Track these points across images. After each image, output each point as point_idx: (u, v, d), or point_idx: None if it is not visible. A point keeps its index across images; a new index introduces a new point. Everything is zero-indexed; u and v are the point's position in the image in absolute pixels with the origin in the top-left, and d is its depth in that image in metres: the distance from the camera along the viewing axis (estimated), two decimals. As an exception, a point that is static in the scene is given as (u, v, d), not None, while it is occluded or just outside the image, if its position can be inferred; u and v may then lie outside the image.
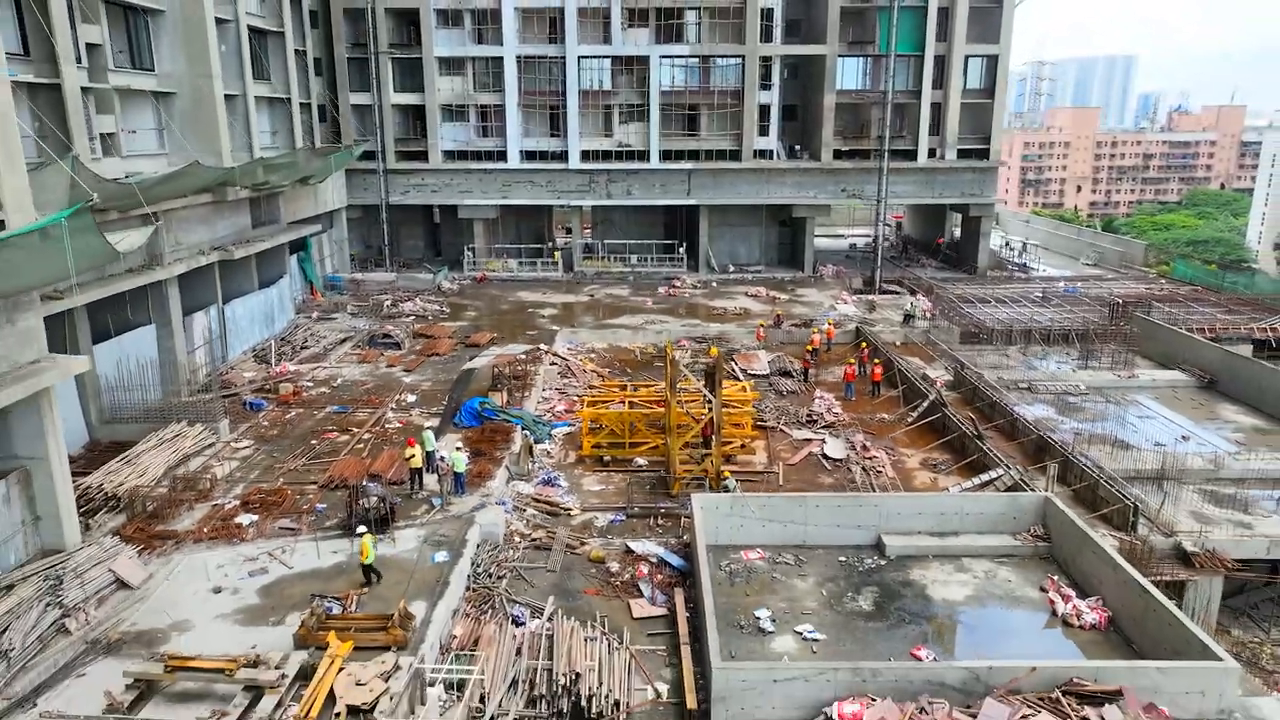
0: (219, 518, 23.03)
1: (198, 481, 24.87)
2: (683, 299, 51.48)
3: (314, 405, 32.37)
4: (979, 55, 55.80)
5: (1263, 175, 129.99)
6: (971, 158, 57.00)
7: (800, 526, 22.86)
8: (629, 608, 20.16)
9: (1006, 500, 23.45)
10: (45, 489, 19.15)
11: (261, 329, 38.97)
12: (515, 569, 21.59)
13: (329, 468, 26.16)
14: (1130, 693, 15.33)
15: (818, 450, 29.50)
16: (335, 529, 22.46)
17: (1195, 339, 38.01)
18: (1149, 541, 22.73)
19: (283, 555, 21.10)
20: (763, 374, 37.42)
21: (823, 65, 55.20)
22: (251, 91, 37.86)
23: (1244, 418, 32.82)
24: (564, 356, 38.79)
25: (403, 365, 37.48)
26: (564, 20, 54.18)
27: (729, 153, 56.59)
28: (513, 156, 56.60)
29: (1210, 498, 25.70)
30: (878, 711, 15.25)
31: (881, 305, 49.08)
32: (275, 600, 19.31)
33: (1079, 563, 21.15)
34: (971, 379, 34.95)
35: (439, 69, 55.29)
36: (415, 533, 22.35)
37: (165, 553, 21.16)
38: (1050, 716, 14.81)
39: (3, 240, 14.37)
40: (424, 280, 54.51)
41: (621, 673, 17.26)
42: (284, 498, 24.28)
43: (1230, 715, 15.79)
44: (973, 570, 21.78)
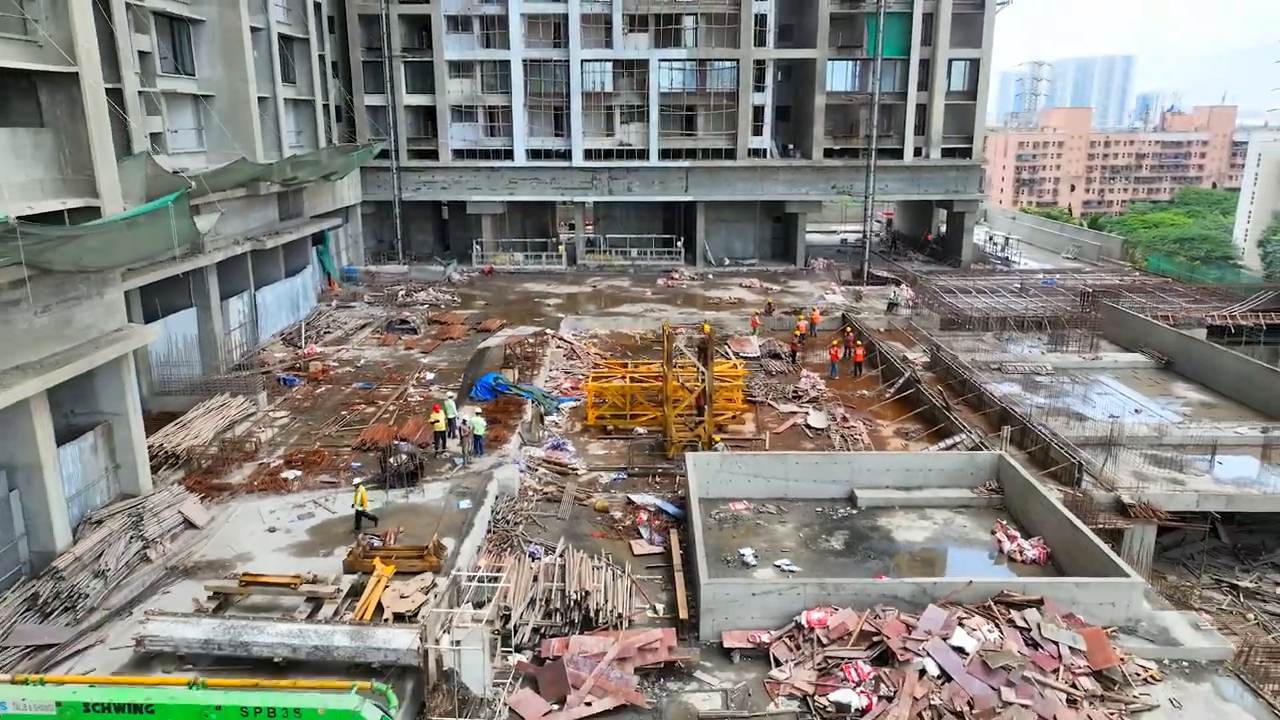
0: (266, 474, 25.98)
1: (244, 444, 27.81)
2: (680, 290, 54.39)
3: (340, 382, 35.32)
4: (962, 59, 58.73)
5: (1248, 174, 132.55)
6: (955, 156, 59.94)
7: (782, 481, 25.78)
8: (630, 547, 23.08)
9: (965, 458, 26.40)
10: (124, 441, 22.06)
11: (288, 314, 41.90)
12: (530, 517, 24.51)
13: (360, 433, 29.10)
14: (1051, 602, 18.25)
15: (801, 421, 32.43)
16: (370, 482, 25.38)
17: (1155, 324, 40.93)
18: (1091, 495, 25.64)
19: (326, 503, 24.04)
20: (754, 356, 40.35)
21: (813, 68, 58.15)
22: (281, 94, 40.85)
23: (1194, 394, 35.74)
24: (569, 340, 41.71)
25: (420, 348, 40.43)
26: (568, 26, 57.13)
27: (724, 151, 59.52)
28: (519, 155, 59.54)
29: (1151, 460, 28.59)
30: (839, 618, 18.17)
31: (868, 295, 52.00)
32: (322, 538, 22.22)
33: (1026, 511, 24.06)
34: (946, 360, 37.84)
35: (449, 72, 58.22)
36: (441, 485, 25.28)
37: (222, 501, 24.11)
38: (982, 619, 17.74)
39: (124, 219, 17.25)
40: (434, 272, 57.45)
41: (624, 594, 20.17)
42: (322, 458, 27.24)
43: (1137, 623, 18.72)
44: (933, 518, 24.71)
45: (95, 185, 19.53)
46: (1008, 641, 17.07)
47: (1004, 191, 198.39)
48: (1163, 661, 17.90)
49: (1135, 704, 16.57)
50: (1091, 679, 16.80)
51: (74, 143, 19.57)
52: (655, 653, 17.70)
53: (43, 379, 18.07)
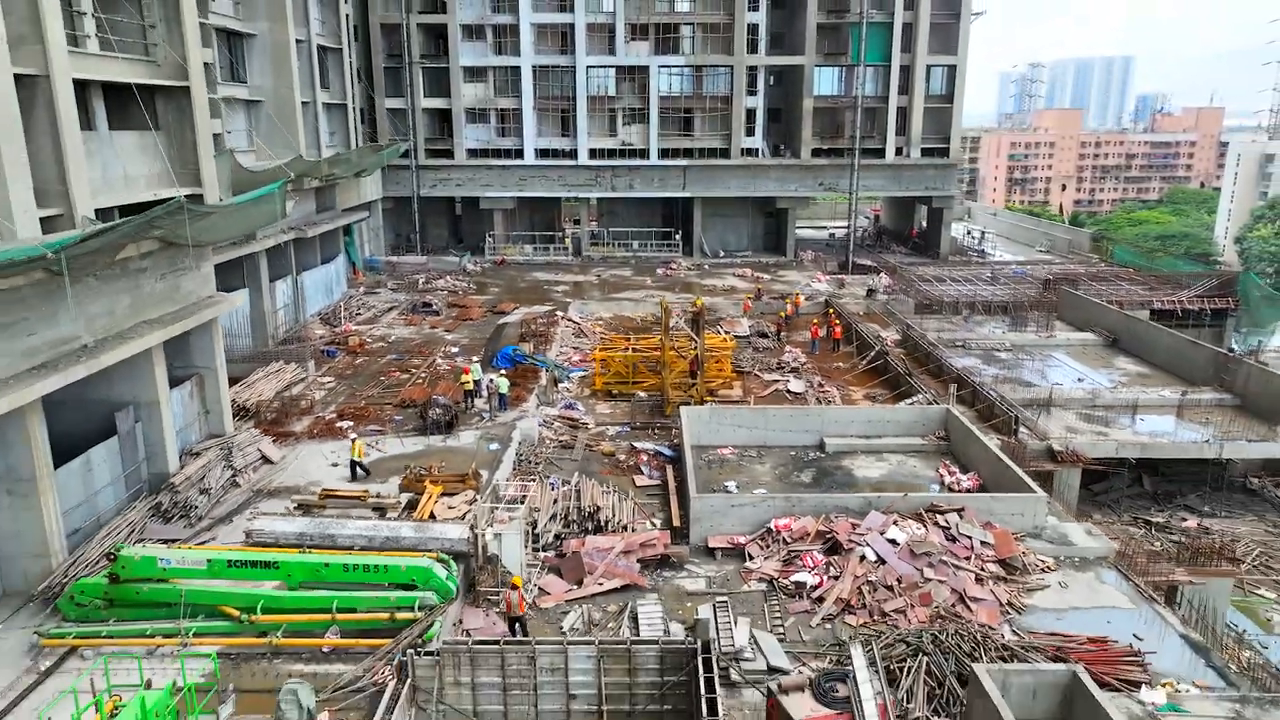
0: (323, 424, 30.52)
1: (299, 401, 32.35)
2: (678, 279, 58.87)
3: (375, 355, 39.86)
4: (940, 65, 63.21)
5: (1228, 174, 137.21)
6: (934, 155, 64.43)
7: (762, 431, 30.28)
8: (633, 480, 27.58)
9: (918, 411, 30.93)
10: (212, 389, 26.57)
11: (324, 297, 46.42)
12: (548, 459, 29.02)
13: (399, 393, 33.62)
14: (970, 510, 22.76)
15: (783, 387, 36.94)
16: (411, 430, 29.91)
17: (1104, 306, 45.42)
18: (1025, 443, 30.12)
19: (376, 445, 28.58)
20: (743, 335, 44.84)
21: (802, 73, 62.66)
22: (319, 98, 45.38)
23: (1133, 366, 40.24)
24: (577, 320, 46.23)
25: (443, 327, 44.95)
26: (574, 34, 61.64)
27: (719, 151, 64.02)
28: (528, 154, 64.06)
29: (1083, 418, 33.17)
30: (800, 523, 22.69)
31: (850, 283, 56.50)
32: (377, 470, 26.73)
33: (967, 454, 28.53)
34: (915, 337, 42.38)
35: (464, 77, 62.73)
36: (473, 433, 29.82)
37: (289, 444, 28.64)
38: (913, 522, 22.25)
39: (251, 199, 21.79)
40: (450, 263, 61.95)
41: (628, 511, 24.69)
42: (369, 412, 31.79)
43: (1041, 530, 23.23)
44: (889, 460, 29.20)
45: (199, 176, 24.08)
46: (931, 536, 21.59)
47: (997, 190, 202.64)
48: (1059, 557, 22.40)
49: (1030, 584, 21.08)
50: (997, 565, 21.29)
51: (180, 142, 24.11)
52: (654, 548, 22.22)
53: (165, 331, 22.59)
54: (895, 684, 16.59)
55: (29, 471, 18.56)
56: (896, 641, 17.56)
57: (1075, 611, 20.27)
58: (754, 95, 63.32)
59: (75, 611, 18.05)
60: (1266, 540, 29.66)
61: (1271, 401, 32.70)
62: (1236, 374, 34.73)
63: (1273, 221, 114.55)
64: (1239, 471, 34.47)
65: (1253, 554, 28.50)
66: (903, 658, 17.11)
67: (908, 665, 16.94)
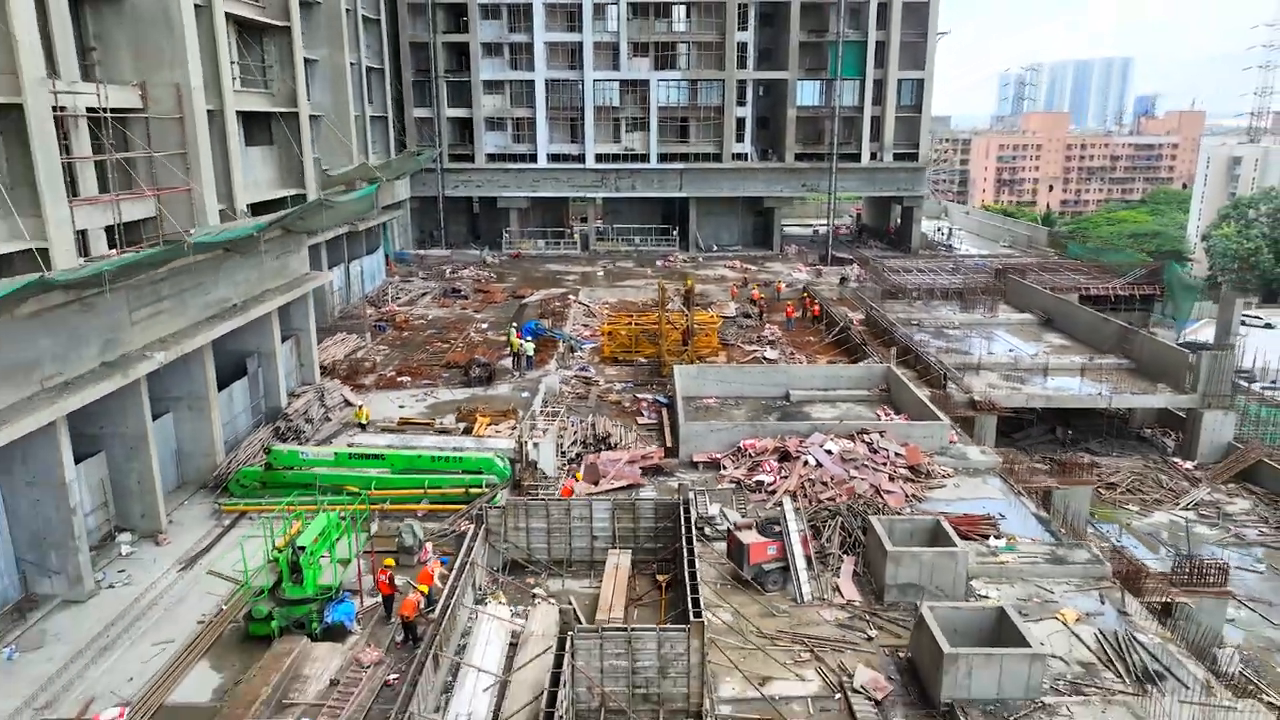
0: (385, 380, 37.88)
1: (364, 363, 39.71)
2: (675, 270, 66.14)
3: (417, 330, 47.21)
4: (909, 79, 70.52)
5: (1199, 176, 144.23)
6: (905, 160, 71.76)
7: (739, 385, 37.56)
8: (635, 420, 34.90)
9: (864, 369, 38.28)
10: (305, 348, 33.93)
11: (369, 283, 53.80)
12: (567, 405, 36.36)
13: (443, 357, 40.99)
14: (890, 433, 30.08)
15: (760, 355, 44.26)
16: (458, 384, 37.27)
17: (1041, 291, 52.68)
18: (951, 395, 37.40)
19: (431, 394, 35.96)
20: (730, 316, 52.16)
21: (786, 86, 69.99)
22: (366, 112, 52.72)
23: (1058, 340, 47.48)
24: (586, 303, 53.58)
25: (471, 308, 52.31)
26: (582, 51, 69.02)
27: (712, 155, 71.36)
28: (541, 158, 71.43)
29: (1004, 377, 40.45)
30: (763, 442, 30.00)
31: (827, 273, 63.87)
32: (434, 410, 34.09)
33: (902, 401, 35.75)
34: (876, 317, 49.70)
35: (483, 89, 70.08)
36: (506, 386, 37.21)
37: (362, 393, 36.00)
38: (846, 440, 29.56)
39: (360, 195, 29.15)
40: (471, 256, 69.33)
41: (631, 438, 32.03)
42: (421, 371, 39.16)
43: (946, 449, 30.53)
44: (840, 406, 36.45)
45: (303, 180, 31.47)
46: (857, 448, 28.93)
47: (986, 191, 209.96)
48: (957, 468, 29.70)
49: (931, 484, 28.39)
50: (907, 470, 28.60)
51: (288, 154, 31.49)
52: (651, 460, 29.56)
53: (282, 297, 29.97)
54: (819, 535, 23.96)
55: (203, 392, 25.92)
56: (821, 509, 24.93)
57: (962, 501, 27.54)
58: (743, 106, 70.64)
59: (239, 491, 25.40)
60: (1143, 473, 36.95)
61: (1157, 364, 39.98)
62: (1133, 343, 42.05)
63: (1235, 221, 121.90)
64: (1138, 423, 41.91)
65: (1128, 480, 35.82)
66: (825, 519, 24.48)
67: (828, 523, 24.31)
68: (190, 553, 22.86)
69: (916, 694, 18.16)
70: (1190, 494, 34.87)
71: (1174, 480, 36.36)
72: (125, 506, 23.21)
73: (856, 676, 18.51)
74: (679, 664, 17.21)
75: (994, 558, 23.40)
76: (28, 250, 18.11)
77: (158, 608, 20.27)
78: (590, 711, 17.27)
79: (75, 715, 16.52)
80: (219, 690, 17.36)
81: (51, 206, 18.32)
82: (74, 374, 19.67)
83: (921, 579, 21.31)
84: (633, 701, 17.33)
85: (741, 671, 18.88)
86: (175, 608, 20.30)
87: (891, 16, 68.10)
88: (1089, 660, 19.26)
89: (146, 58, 22.89)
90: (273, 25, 30.31)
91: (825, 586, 22.20)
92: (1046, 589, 22.24)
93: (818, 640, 20.05)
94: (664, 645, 17.18)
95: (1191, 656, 19.43)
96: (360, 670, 17.37)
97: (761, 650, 19.62)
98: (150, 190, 22.54)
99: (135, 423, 22.53)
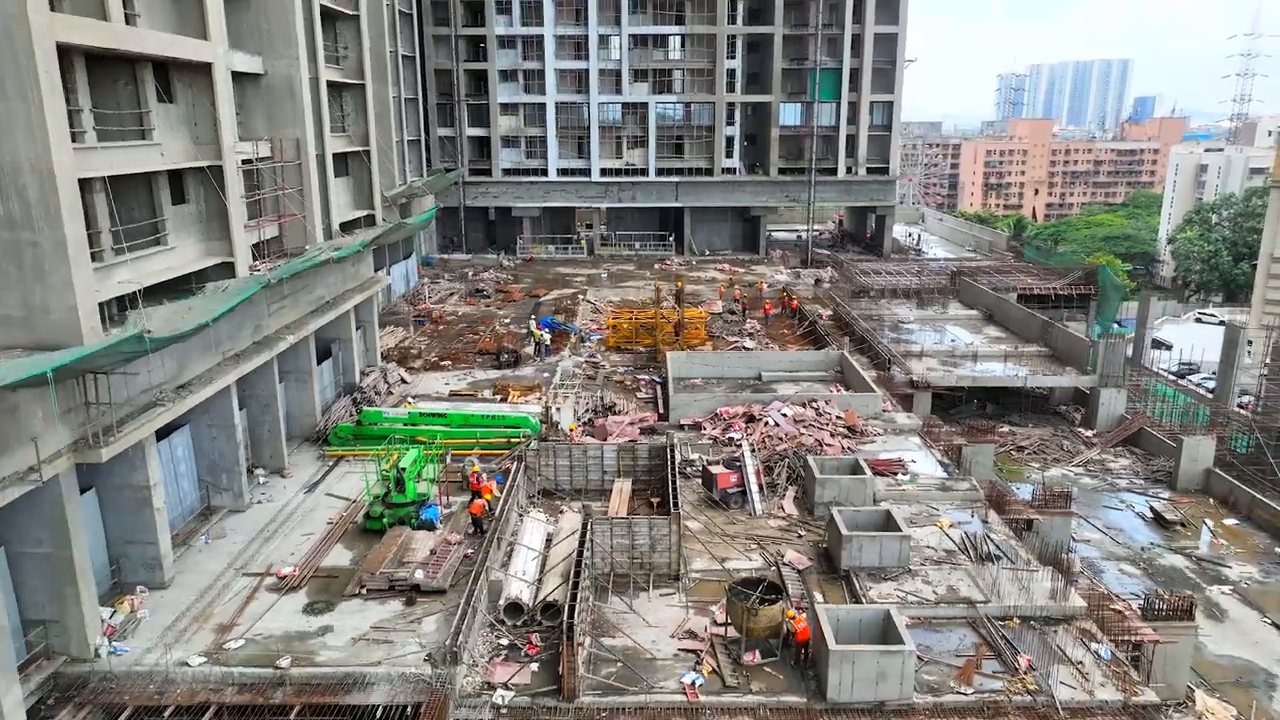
0: (430, 364, 46.23)
1: (410, 350, 48.06)
2: (671, 272, 74.38)
3: (450, 324, 55.56)
4: (880, 102, 78.85)
5: (1169, 181, 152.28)
6: (877, 173, 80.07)
7: (719, 368, 45.82)
8: (634, 394, 43.22)
9: (823, 354, 46.59)
10: (371, 336, 42.22)
11: (404, 284, 62.15)
12: (580, 384, 44.68)
13: (475, 345, 49.33)
14: (835, 401, 38.40)
15: (741, 345, 52.56)
16: (490, 366, 45.62)
17: (985, 291, 60.96)
18: (894, 376, 45.68)
19: (470, 374, 44.29)
20: (717, 312, 60.45)
21: (770, 108, 78.31)
22: (405, 137, 61.08)
23: (996, 332, 55.77)
24: (593, 302, 61.94)
25: (494, 306, 60.66)
26: (589, 77, 77.37)
27: (705, 170, 79.68)
28: (551, 172, 79.78)
29: (941, 362, 48.74)
30: (735, 409, 38.33)
31: (806, 275, 72.18)
32: (474, 386, 42.43)
33: (851, 380, 44.07)
34: (843, 314, 58.00)
35: (500, 111, 78.44)
36: (530, 369, 45.55)
37: (413, 373, 44.33)
38: (799, 407, 37.87)
39: (423, 219, 37.34)
40: (489, 259, 77.68)
41: (632, 406, 40.35)
42: (459, 357, 47.52)
43: (880, 414, 38.84)
44: (801, 384, 44.74)
45: (372, 203, 39.83)
46: (807, 412, 37.25)
47: (974, 195, 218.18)
48: (886, 429, 37.97)
49: (864, 441, 36.67)
50: (845, 430, 36.89)
51: (360, 182, 39.82)
52: (647, 422, 37.88)
53: (359, 296, 38.31)
54: (771, 472, 32.28)
55: (307, 368, 34.22)
56: (774, 455, 33.26)
57: (886, 452, 35.82)
58: (732, 125, 78.99)
59: (336, 441, 33.71)
60: (1050, 439, 45.20)
61: (1068, 351, 48.27)
62: (1051, 334, 50.35)
63: (1198, 225, 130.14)
64: (1056, 400, 50.18)
65: (1035, 444, 44.13)
66: (777, 460, 32.82)
67: (779, 464, 32.64)
68: (308, 482, 31.20)
69: (826, 566, 26.48)
70: (1083, 454, 43.21)
71: (1074, 445, 44.70)
72: (258, 450, 31.48)
73: (786, 555, 26.86)
74: (664, 542, 25.51)
75: (899, 486, 31.70)
76: (221, 263, 26.41)
77: (296, 515, 28.59)
78: (603, 575, 25.53)
79: (263, 571, 24.85)
80: (354, 559, 25.68)
81: (237, 232, 26.58)
82: (239, 349, 27.95)
83: (840, 498, 29.59)
84: (632, 568, 25.62)
85: (710, 554, 27.20)
86: (309, 514, 28.62)
87: (864, 47, 76.43)
88: (951, 549, 27.56)
89: (275, 119, 31.12)
90: (351, 83, 38.66)
91: (773, 506, 30.53)
92: (934, 507, 30.53)
93: (763, 537, 28.38)
94: (653, 529, 25.48)
95: (1024, 545, 27.74)
96: (448, 546, 25.65)
97: (724, 543, 27.94)
98: (277, 218, 30.83)
99: (267, 387, 30.81)
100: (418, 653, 21.09)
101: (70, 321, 19.11)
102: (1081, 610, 23.83)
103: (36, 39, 17.59)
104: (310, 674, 20.51)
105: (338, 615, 22.87)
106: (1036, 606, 23.79)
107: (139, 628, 22.06)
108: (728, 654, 21.91)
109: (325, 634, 22.04)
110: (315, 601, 23.46)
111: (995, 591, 24.38)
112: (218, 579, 24.61)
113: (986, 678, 21.34)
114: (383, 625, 22.37)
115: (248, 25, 30.19)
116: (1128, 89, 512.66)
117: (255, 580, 24.56)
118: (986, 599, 24.16)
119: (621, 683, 20.90)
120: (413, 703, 19.77)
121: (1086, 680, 21.07)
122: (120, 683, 20.24)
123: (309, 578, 24.57)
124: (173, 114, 24.93)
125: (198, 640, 21.74)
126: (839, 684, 20.19)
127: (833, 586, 25.48)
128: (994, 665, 21.83)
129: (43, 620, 20.03)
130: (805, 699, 20.44)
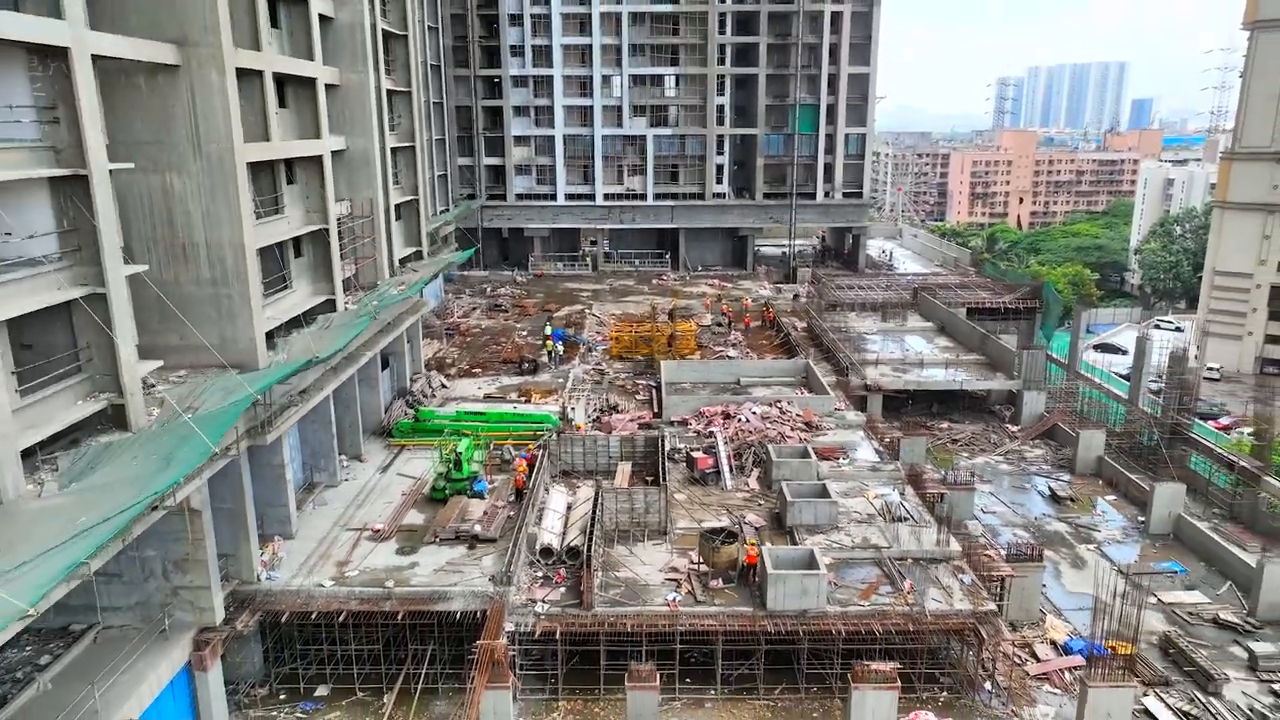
0: (463, 371, 55.28)
1: (445, 359, 57.13)
2: (668, 287, 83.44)
3: (476, 336, 64.62)
4: (855, 133, 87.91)
5: (1139, 193, 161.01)
6: (851, 197, 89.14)
7: (705, 374, 54.87)
8: (634, 396, 52.24)
9: (791, 362, 55.63)
10: (416, 348, 51.27)
11: (434, 299, 71.20)
12: (589, 388, 53.70)
13: (499, 355, 58.39)
14: (796, 402, 47.41)
15: (725, 355, 61.58)
16: (512, 373, 54.66)
17: (938, 304, 69.94)
18: (851, 380, 54.65)
19: (497, 379, 53.35)
20: (706, 324, 69.50)
21: (756, 139, 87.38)
22: (435, 173, 70.22)
23: (946, 342, 64.72)
24: (598, 315, 71.01)
25: (512, 319, 69.74)
26: (594, 113, 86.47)
27: (697, 194, 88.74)
28: (559, 196, 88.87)
29: (893, 369, 57.76)
30: (715, 408, 47.36)
31: (786, 290, 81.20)
32: (501, 390, 51.47)
33: (813, 384, 53.06)
34: (814, 326, 67.00)
35: (514, 143, 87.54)
36: (546, 375, 54.61)
37: (450, 379, 53.38)
38: (766, 405, 46.90)
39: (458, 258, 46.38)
40: (504, 275, 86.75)
41: (632, 405, 49.39)
42: (487, 365, 56.59)
43: (834, 413, 47.86)
44: (773, 387, 53.76)
45: (420, 240, 48.91)
46: (773, 411, 46.28)
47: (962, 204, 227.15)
48: (837, 425, 46.96)
49: (819, 434, 45.67)
50: (804, 425, 45.89)
51: (411, 225, 48.87)
52: (644, 418, 46.92)
53: (411, 317, 47.33)
54: (740, 457, 41.30)
55: (376, 374, 43.25)
56: (744, 444, 42.30)
57: (835, 442, 44.81)
58: (721, 154, 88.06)
59: (398, 434, 42.74)
60: (981, 433, 54.17)
61: (999, 359, 57.26)
62: (986, 344, 59.38)
63: (1162, 237, 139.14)
64: (992, 401, 59.14)
65: (966, 437, 53.15)
66: (746, 449, 41.85)
67: (747, 451, 41.69)
68: (381, 465, 40.26)
69: (776, 525, 35.51)
70: (1005, 446, 52.24)
71: (1000, 438, 53.71)
72: (341, 440, 40.38)
73: (747, 517, 35.91)
74: (655, 506, 34.51)
75: (839, 468, 40.70)
76: (325, 300, 35.43)
77: (377, 489, 37.64)
78: (610, 530, 34.51)
79: (361, 527, 33.90)
80: (426, 519, 34.71)
81: (337, 275, 35.60)
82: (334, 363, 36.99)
83: (790, 476, 38.59)
84: (632, 525, 34.63)
85: (690, 516, 36.23)
86: (387, 488, 37.66)
87: (839, 85, 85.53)
88: (872, 513, 36.57)
89: (354, 184, 40.16)
90: (404, 146, 47.75)
91: (740, 483, 39.55)
92: (865, 484, 39.54)
93: (732, 505, 37.40)
94: (648, 498, 34.47)
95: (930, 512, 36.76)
96: (496, 509, 34.66)
97: (701, 509, 36.97)
98: (356, 260, 39.87)
99: (350, 391, 39.79)
100: (480, 578, 30.15)
101: (250, 348, 28.14)
102: (958, 554, 32.86)
103: (238, 161, 26.64)
104: (408, 591, 29.54)
105: (420, 555, 31.93)
106: (925, 551, 32.85)
107: (282, 564, 31.10)
108: (700, 581, 30.93)
109: (414, 567, 31.10)
110: (403, 547, 32.50)
111: (896, 540, 33.43)
112: (328, 533, 33.66)
113: (881, 597, 30.37)
114: (454, 561, 31.43)
115: (334, 112, 39.24)
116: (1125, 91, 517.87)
117: (356, 534, 33.61)
118: (890, 545, 33.20)
119: (624, 599, 29.93)
120: (480, 609, 28.79)
121: (950, 598, 30.11)
122: (277, 598, 29.27)
123: (396, 531, 33.63)
124: (294, 192, 33.98)
125: (324, 571, 30.79)
126: (775, 598, 29.19)
127: (780, 538, 34.50)
128: (888, 589, 30.85)
129: (226, 554, 29.00)
130: (752, 608, 29.47)
